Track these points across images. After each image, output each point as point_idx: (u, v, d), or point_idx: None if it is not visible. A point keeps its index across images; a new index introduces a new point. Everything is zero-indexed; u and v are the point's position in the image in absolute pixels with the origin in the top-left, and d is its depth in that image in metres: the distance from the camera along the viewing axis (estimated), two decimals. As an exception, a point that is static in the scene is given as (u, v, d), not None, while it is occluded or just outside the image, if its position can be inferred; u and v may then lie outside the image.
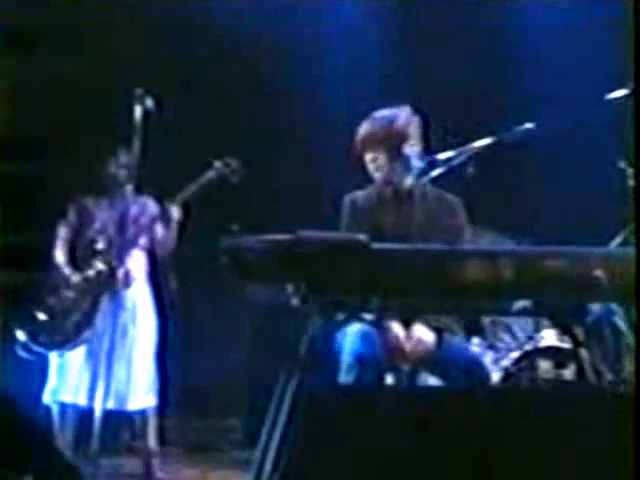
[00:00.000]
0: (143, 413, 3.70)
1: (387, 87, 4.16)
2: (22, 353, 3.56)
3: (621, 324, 2.07)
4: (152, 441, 3.74)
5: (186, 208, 3.68)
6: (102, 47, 4.30)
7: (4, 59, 4.30)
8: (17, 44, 4.31)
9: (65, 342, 3.58)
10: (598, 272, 1.98)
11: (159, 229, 3.71)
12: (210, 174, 3.67)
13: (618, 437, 1.99)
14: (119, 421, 3.80)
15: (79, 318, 3.58)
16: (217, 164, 3.69)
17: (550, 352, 3.59)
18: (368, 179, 3.04)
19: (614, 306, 2.08)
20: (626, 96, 2.39)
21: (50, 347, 3.58)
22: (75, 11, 4.31)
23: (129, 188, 3.39)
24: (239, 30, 4.38)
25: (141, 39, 4.36)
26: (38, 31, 4.35)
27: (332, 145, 4.07)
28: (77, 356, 3.61)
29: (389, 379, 2.88)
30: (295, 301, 2.14)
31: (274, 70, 4.48)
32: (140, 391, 3.63)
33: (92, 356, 3.55)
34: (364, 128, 2.98)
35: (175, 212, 3.64)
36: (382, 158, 2.93)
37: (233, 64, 4.48)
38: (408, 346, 2.76)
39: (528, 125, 2.51)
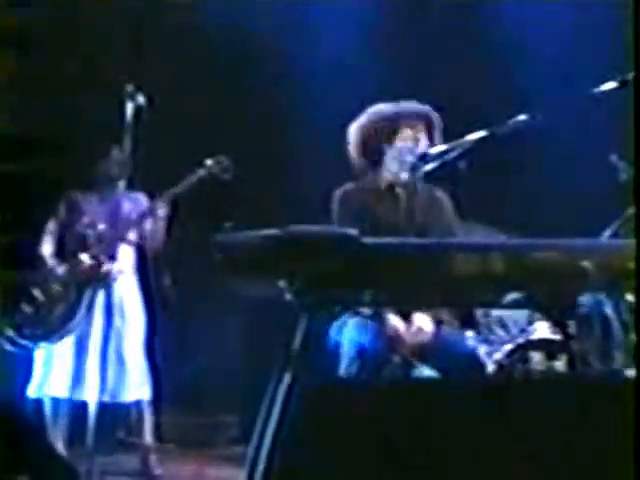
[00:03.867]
0: (138, 406, 3.71)
1: (380, 84, 4.17)
2: (8, 346, 3.56)
3: (611, 316, 2.09)
4: (149, 437, 3.76)
5: (176, 204, 3.70)
6: (94, 44, 4.31)
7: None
8: (11, 43, 4.32)
9: (50, 334, 3.59)
10: (586, 263, 1.99)
11: (148, 224, 3.74)
12: (201, 172, 3.70)
13: (613, 429, 1.99)
14: (115, 416, 3.81)
15: (64, 311, 3.59)
16: (209, 162, 3.71)
17: (542, 344, 3.62)
18: (356, 175, 3.05)
19: (604, 298, 2.10)
20: (616, 88, 2.39)
21: (35, 340, 3.59)
22: (67, 8, 4.31)
23: (121, 184, 3.40)
24: (231, 27, 4.39)
25: (133, 36, 4.37)
26: (31, 29, 4.36)
27: (324, 142, 4.08)
28: (65, 349, 3.62)
29: (385, 373, 2.90)
30: (288, 296, 2.15)
31: (267, 67, 4.49)
32: (132, 383, 3.65)
33: (81, 349, 3.56)
34: (377, 114, 2.97)
35: (161, 209, 3.67)
36: (416, 139, 2.92)
37: (226, 61, 4.49)
38: (409, 335, 2.78)
39: (521, 117, 2.51)
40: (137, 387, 3.68)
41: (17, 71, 4.28)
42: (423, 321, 2.82)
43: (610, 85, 2.36)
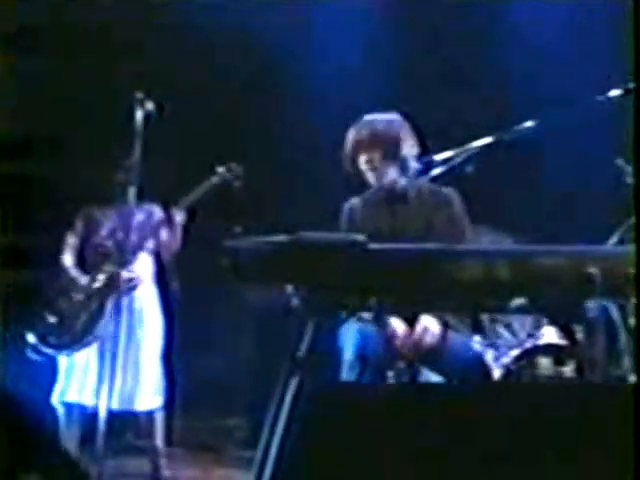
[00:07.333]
0: (150, 413, 3.74)
1: (385, 91, 4.18)
2: (31, 355, 3.62)
3: (617, 322, 2.10)
4: (159, 440, 3.78)
5: (190, 212, 3.74)
6: (103, 50, 4.33)
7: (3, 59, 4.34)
8: (16, 44, 4.34)
9: (73, 343, 3.64)
10: (592, 269, 2.00)
11: (164, 233, 3.77)
12: (213, 179, 3.72)
13: (616, 434, 2.00)
14: (125, 421, 3.83)
15: (87, 320, 3.64)
16: (220, 169, 3.74)
17: (550, 349, 3.62)
18: (364, 183, 3.07)
19: (610, 304, 2.11)
20: (622, 95, 2.42)
21: (59, 349, 3.64)
22: (76, 12, 4.34)
23: (131, 192, 3.42)
24: (241, 33, 4.41)
25: (142, 42, 4.40)
26: (38, 32, 4.39)
27: (332, 148, 4.09)
28: (86, 357, 3.66)
29: (390, 378, 2.91)
30: (295, 301, 2.17)
31: (277, 73, 4.50)
32: (148, 392, 3.67)
33: (101, 358, 3.59)
34: (357, 131, 3.01)
35: (179, 216, 3.70)
36: (377, 160, 2.96)
37: (236, 67, 4.51)
38: (413, 336, 2.79)
39: (528, 124, 2.53)
40: (151, 396, 3.71)
41: (18, 71, 4.30)
42: (429, 322, 2.83)
43: (615, 92, 2.38)
